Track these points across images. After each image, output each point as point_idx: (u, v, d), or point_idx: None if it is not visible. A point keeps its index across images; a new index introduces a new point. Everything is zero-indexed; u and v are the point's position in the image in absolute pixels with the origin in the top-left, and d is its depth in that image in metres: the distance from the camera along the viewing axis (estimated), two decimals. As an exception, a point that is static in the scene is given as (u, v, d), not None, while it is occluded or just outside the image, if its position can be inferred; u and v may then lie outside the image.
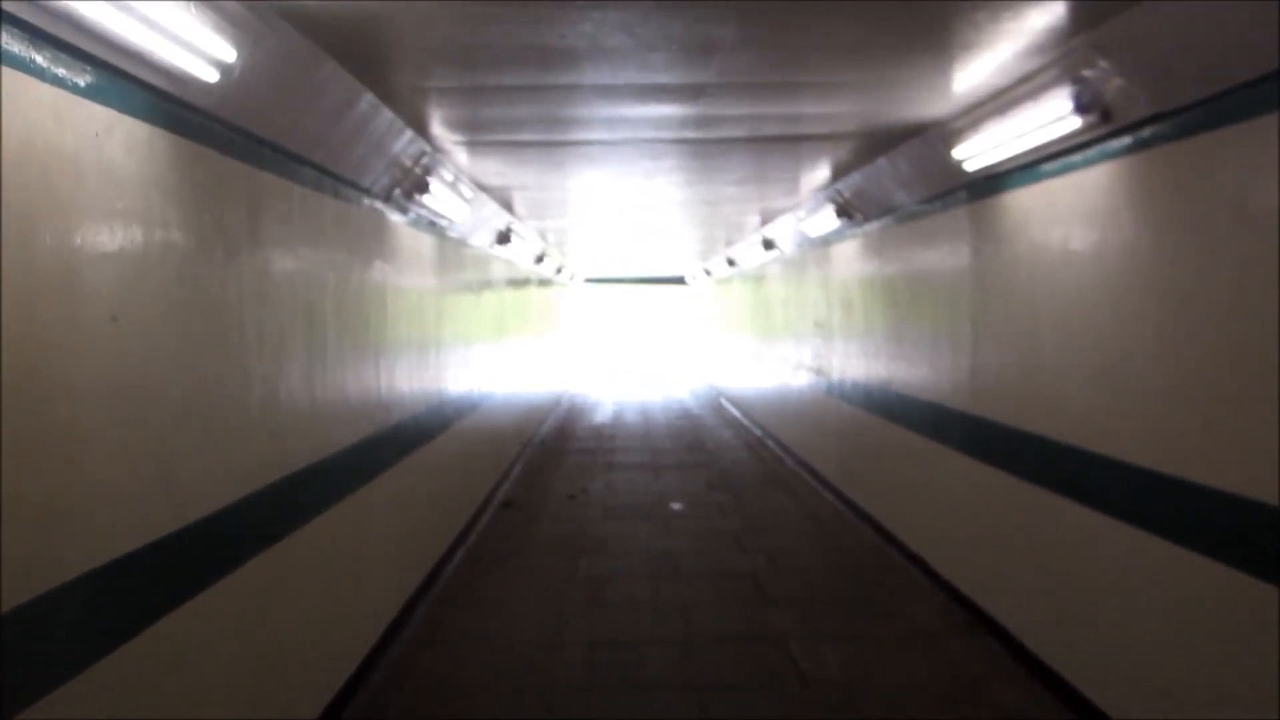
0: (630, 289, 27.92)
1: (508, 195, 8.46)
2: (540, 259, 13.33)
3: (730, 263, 15.87)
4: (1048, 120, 4.07)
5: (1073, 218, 4.34)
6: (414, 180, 5.66)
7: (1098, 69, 3.66)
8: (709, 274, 19.95)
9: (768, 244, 11.72)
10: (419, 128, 5.29)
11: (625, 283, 25.88)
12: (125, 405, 2.66)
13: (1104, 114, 3.76)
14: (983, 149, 4.85)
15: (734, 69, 4.20)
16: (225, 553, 3.30)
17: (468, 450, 8.27)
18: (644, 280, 25.35)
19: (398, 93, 4.50)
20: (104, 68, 2.54)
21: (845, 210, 7.90)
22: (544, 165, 6.97)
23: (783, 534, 8.10)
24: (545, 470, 11.32)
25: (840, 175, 7.47)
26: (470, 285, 8.61)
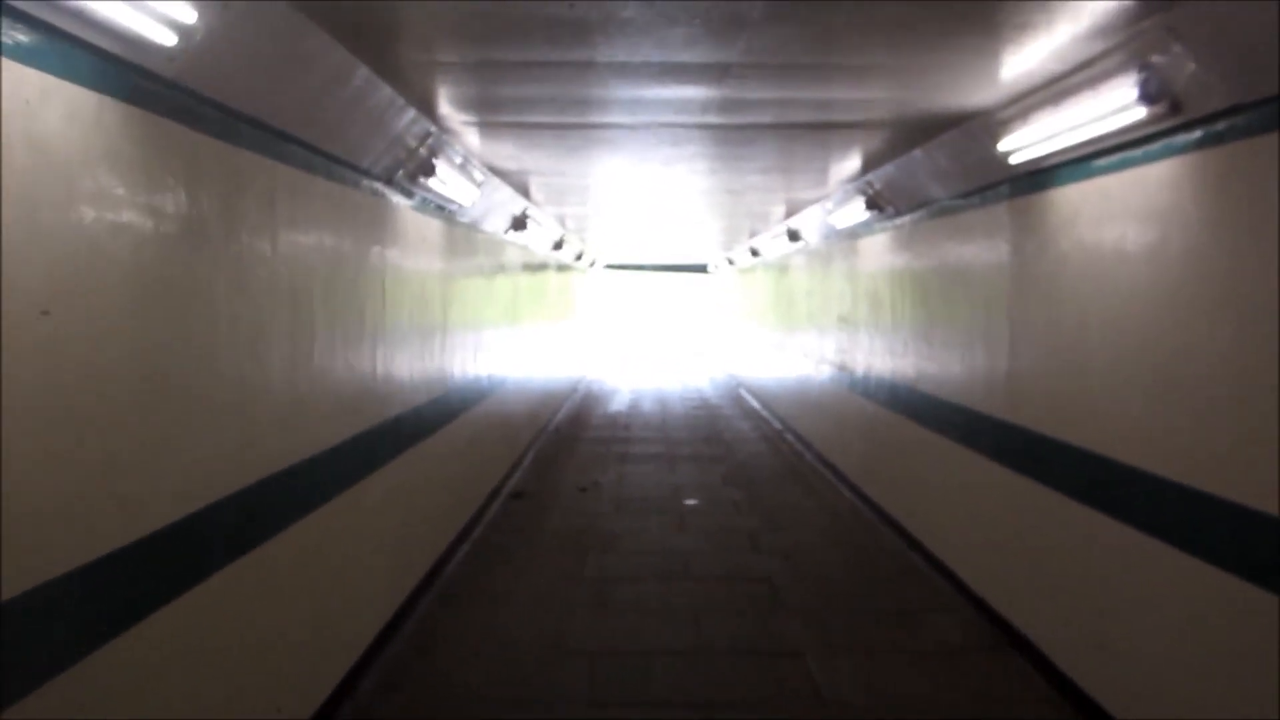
0: (651, 276, 27.59)
1: (524, 180, 8.16)
2: (558, 245, 13.03)
3: (754, 253, 15.57)
4: (1108, 111, 3.68)
5: (1130, 216, 3.95)
6: (419, 162, 5.34)
7: (1170, 54, 3.27)
8: (731, 263, 19.62)
9: (793, 235, 11.41)
10: (424, 107, 4.96)
11: (646, 270, 25.54)
12: (60, 408, 2.36)
13: (1173, 105, 3.37)
14: (1031, 141, 4.45)
15: (761, 48, 3.84)
16: (184, 567, 3.01)
17: (477, 439, 8.00)
18: (665, 267, 25.03)
19: (398, 68, 4.17)
20: (37, 26, 2.22)
21: (875, 203, 7.55)
22: (560, 150, 6.64)
23: (800, 533, 7.79)
24: (558, 460, 11.07)
25: (871, 166, 7.11)
26: (482, 272, 8.31)
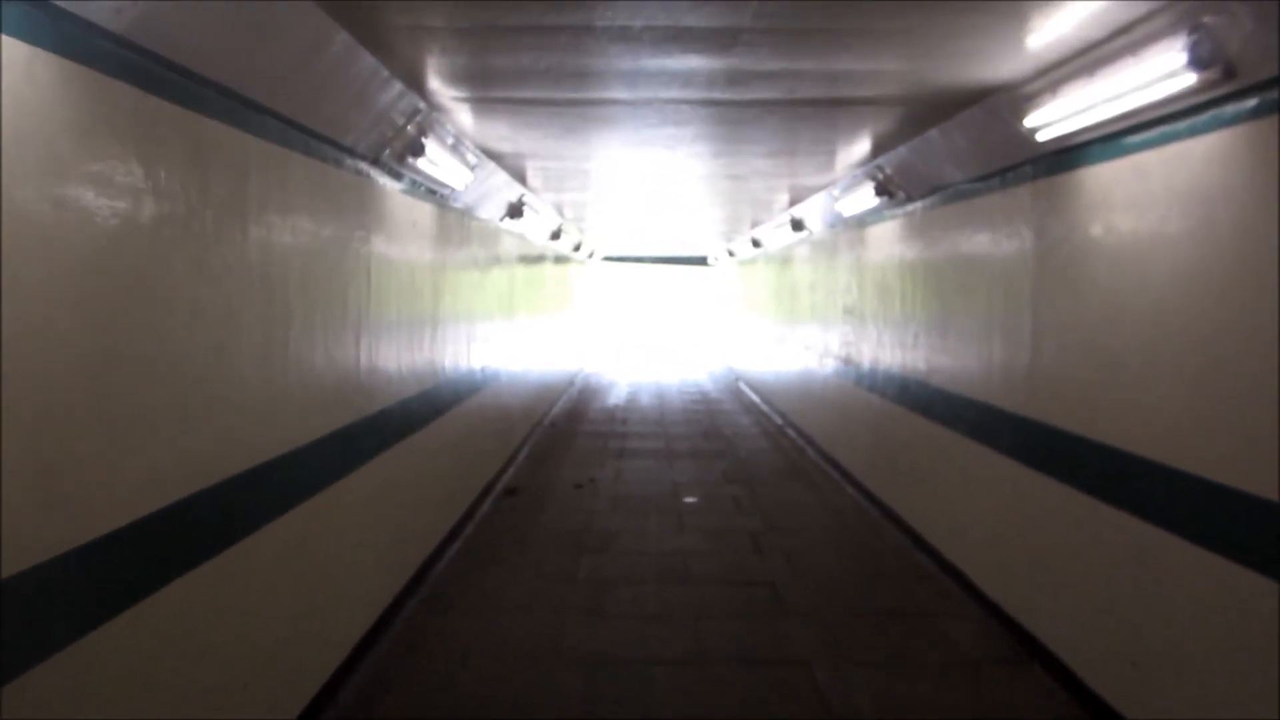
0: (651, 269, 27.24)
1: (520, 164, 7.84)
2: (556, 234, 12.72)
3: (755, 243, 15.27)
4: (1152, 79, 3.37)
5: (1172, 196, 3.65)
6: (406, 140, 5.04)
7: (1225, 14, 2.97)
8: (732, 255, 19.32)
9: (796, 224, 11.09)
10: (411, 80, 4.66)
11: (646, 262, 25.19)
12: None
13: (1226, 70, 3.08)
14: (1061, 115, 4.14)
15: (775, 10, 3.55)
16: (136, 575, 2.72)
17: (470, 434, 7.71)
18: (665, 260, 24.68)
19: (380, 33, 3.85)
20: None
21: (885, 188, 7.25)
22: (557, 129, 6.33)
23: (804, 533, 7.51)
24: (554, 454, 10.78)
25: (882, 149, 6.81)
26: (476, 260, 8.01)
